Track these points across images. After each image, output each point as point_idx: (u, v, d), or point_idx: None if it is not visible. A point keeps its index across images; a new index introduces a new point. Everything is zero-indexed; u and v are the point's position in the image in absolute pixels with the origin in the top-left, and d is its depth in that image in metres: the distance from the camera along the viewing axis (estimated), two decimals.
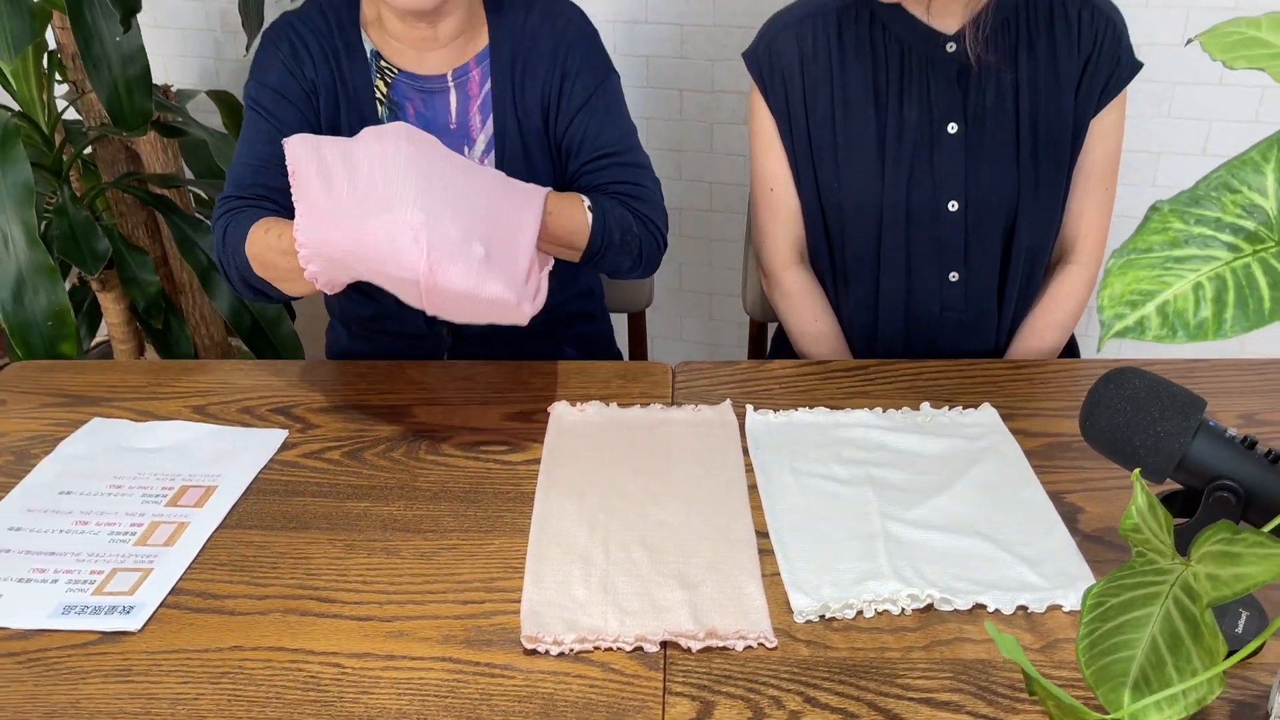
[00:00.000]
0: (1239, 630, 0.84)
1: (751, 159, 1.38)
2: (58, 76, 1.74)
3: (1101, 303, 0.52)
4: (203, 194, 1.83)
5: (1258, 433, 1.09)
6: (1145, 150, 1.93)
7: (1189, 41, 0.68)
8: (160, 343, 1.78)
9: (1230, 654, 0.82)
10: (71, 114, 1.79)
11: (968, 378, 1.22)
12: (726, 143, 2.10)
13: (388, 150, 1.02)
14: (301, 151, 1.04)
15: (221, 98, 2.13)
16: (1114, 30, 1.27)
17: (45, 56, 1.67)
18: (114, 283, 1.75)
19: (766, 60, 1.32)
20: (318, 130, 1.28)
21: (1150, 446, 0.81)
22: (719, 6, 1.99)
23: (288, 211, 1.19)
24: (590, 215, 1.20)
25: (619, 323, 1.63)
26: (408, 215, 0.96)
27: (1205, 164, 1.89)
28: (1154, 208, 0.54)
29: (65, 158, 1.70)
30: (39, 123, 1.64)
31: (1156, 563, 0.64)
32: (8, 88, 1.64)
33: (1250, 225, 0.52)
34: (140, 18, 1.46)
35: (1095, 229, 1.36)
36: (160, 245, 1.86)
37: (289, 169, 1.04)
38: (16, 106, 1.66)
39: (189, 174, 1.88)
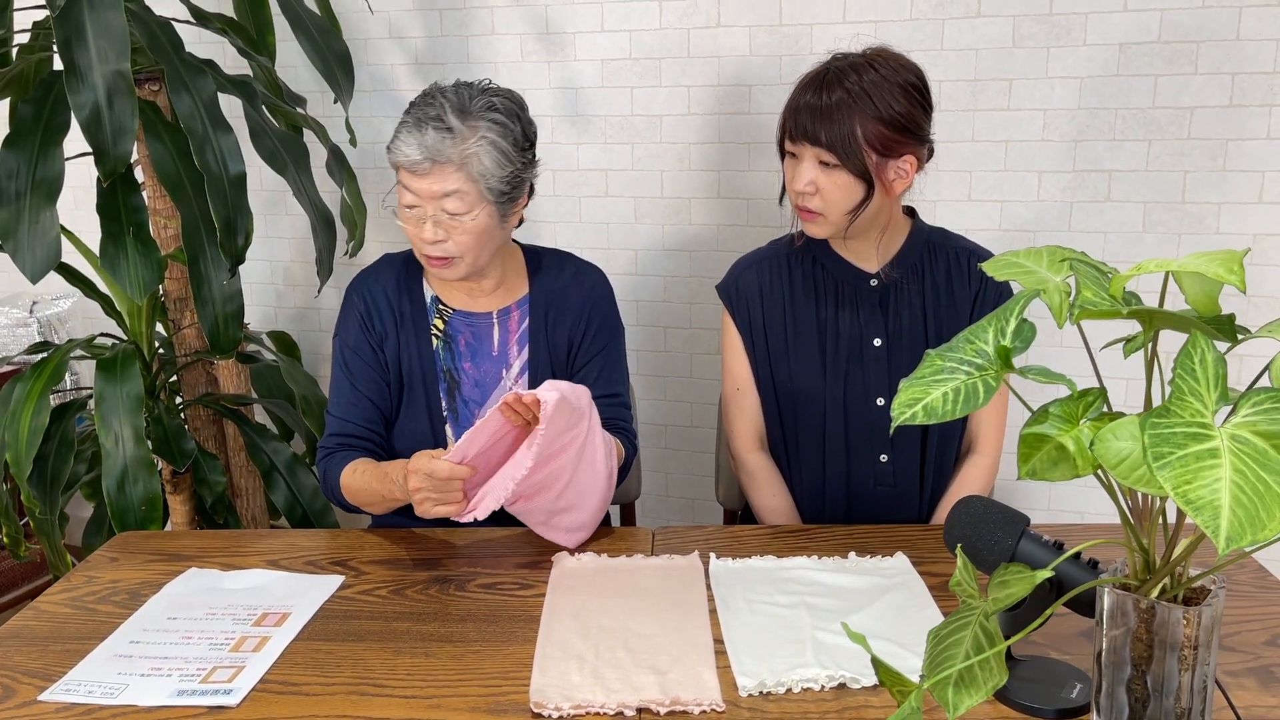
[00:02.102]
0: (1073, 696, 1.11)
1: (723, 365, 1.76)
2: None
3: (894, 406, 0.85)
4: (266, 410, 2.19)
5: None
6: None
7: (979, 265, 1.05)
8: None
9: (1061, 715, 1.09)
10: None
11: (889, 537, 1.52)
12: (703, 370, 2.48)
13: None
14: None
15: (279, 337, 2.53)
16: None
17: (152, 301, 2.08)
18: (184, 485, 2.08)
19: (735, 290, 1.72)
20: (385, 377, 1.65)
21: (989, 547, 1.11)
22: (694, 262, 2.44)
23: (358, 450, 1.62)
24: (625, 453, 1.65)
25: (612, 513, 1.94)
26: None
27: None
28: (927, 353, 0.89)
29: (158, 381, 2.08)
30: (143, 351, 2.02)
31: (970, 603, 0.94)
32: (121, 324, 2.04)
33: (979, 361, 0.87)
34: None
35: (993, 426, 1.71)
36: (225, 456, 2.20)
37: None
38: (125, 338, 2.05)
39: (254, 394, 2.25)
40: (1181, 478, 0.72)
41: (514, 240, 1.70)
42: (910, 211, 1.69)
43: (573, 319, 1.69)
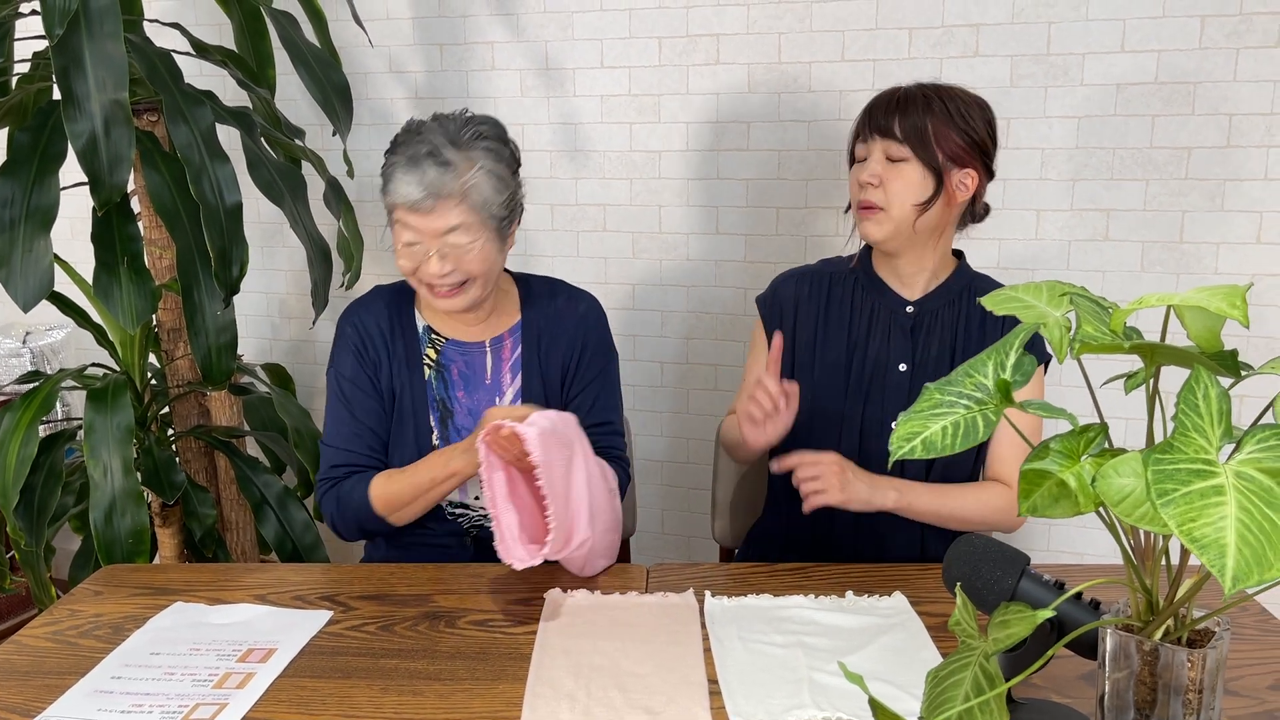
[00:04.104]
0: None
1: (745, 371, 1.78)
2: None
3: (891, 440, 0.84)
4: (259, 443, 2.17)
5: None
6: None
7: (977, 301, 1.04)
8: None
9: None
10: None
11: (886, 576, 1.50)
12: (700, 405, 2.47)
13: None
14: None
15: (273, 369, 2.52)
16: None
17: (145, 332, 2.06)
18: (173, 519, 2.05)
19: (772, 300, 1.75)
20: (383, 404, 1.63)
21: (989, 586, 1.09)
22: (691, 297, 2.43)
23: (368, 475, 1.59)
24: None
25: None
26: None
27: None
28: (926, 387, 0.88)
29: (150, 412, 2.06)
30: (135, 382, 2.01)
31: (969, 643, 0.92)
32: (114, 354, 2.03)
33: (979, 395, 0.85)
34: None
35: (1018, 463, 1.68)
36: (215, 489, 2.18)
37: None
38: (118, 369, 2.03)
39: (246, 427, 2.23)
40: (1186, 515, 0.70)
41: (505, 269, 1.70)
42: (958, 254, 1.71)
43: (566, 346, 1.69)
